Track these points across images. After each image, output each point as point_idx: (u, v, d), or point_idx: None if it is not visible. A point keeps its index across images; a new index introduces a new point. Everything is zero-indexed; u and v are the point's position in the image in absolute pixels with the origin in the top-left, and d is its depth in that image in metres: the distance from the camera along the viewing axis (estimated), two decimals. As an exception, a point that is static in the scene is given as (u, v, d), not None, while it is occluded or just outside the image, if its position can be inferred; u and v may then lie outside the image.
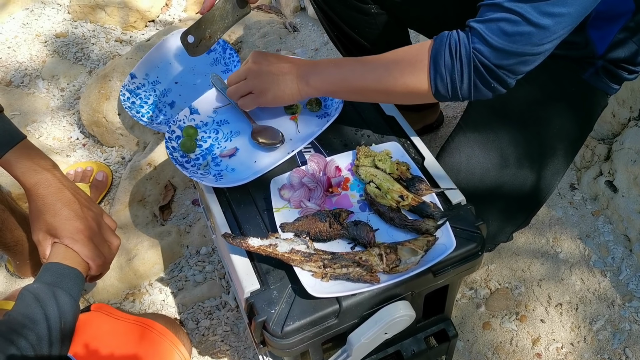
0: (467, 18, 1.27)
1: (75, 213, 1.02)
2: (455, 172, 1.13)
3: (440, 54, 0.91)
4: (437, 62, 0.91)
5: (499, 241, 1.22)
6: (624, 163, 1.51)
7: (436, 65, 0.91)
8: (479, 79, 0.91)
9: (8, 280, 1.58)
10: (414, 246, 0.90)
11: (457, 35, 0.90)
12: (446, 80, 0.92)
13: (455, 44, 0.89)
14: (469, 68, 0.90)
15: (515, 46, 0.86)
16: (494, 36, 0.87)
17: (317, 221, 0.94)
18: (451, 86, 0.92)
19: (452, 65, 0.90)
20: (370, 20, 1.33)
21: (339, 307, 0.88)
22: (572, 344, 1.36)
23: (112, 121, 1.81)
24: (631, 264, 1.47)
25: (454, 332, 1.14)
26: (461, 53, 0.89)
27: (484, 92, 0.94)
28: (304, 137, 1.11)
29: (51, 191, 1.02)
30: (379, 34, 1.37)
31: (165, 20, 2.29)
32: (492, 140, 1.16)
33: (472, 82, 0.92)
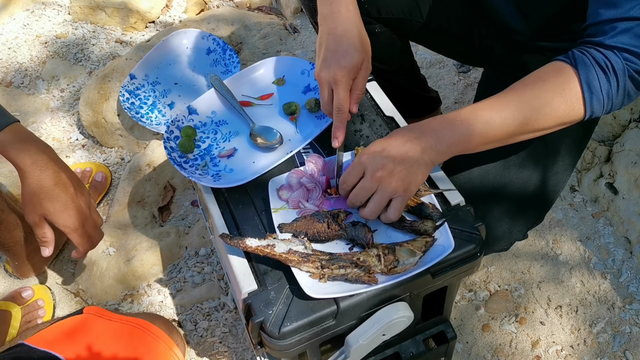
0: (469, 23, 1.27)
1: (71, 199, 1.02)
2: (467, 171, 1.13)
3: (592, 76, 0.88)
4: (591, 84, 0.88)
5: (515, 239, 1.20)
6: (624, 165, 1.51)
7: (591, 88, 0.88)
8: (635, 84, 0.90)
9: (7, 281, 1.58)
10: (412, 247, 0.89)
11: (598, 53, 0.88)
12: (603, 100, 0.89)
13: (605, 62, 0.87)
14: (624, 80, 0.89)
15: None
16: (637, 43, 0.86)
17: (315, 222, 0.94)
18: (607, 103, 0.90)
19: (608, 84, 0.88)
20: (375, 40, 1.31)
21: (336, 308, 0.88)
22: (572, 347, 1.35)
23: (112, 122, 1.81)
24: (632, 266, 1.46)
25: (452, 334, 1.13)
26: (615, 68, 0.87)
27: (633, 97, 0.93)
28: (303, 138, 1.10)
29: (48, 174, 1.01)
30: (384, 52, 1.36)
31: (165, 21, 2.29)
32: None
33: (626, 92, 0.90)
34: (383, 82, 1.21)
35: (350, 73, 1.01)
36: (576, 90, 0.88)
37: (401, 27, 1.31)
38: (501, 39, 1.24)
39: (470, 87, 1.91)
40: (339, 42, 1.02)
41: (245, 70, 1.22)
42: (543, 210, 1.21)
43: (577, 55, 0.89)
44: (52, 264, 1.59)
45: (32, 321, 1.45)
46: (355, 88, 1.03)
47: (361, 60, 1.02)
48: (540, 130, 0.93)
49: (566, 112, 0.90)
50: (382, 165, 0.89)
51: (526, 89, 0.90)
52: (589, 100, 0.89)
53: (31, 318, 1.44)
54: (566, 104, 0.89)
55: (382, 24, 1.30)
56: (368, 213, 0.91)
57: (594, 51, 0.88)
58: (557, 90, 0.89)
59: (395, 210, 0.90)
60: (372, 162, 0.89)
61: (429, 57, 2.00)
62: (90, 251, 1.55)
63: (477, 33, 1.29)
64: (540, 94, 0.89)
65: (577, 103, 0.89)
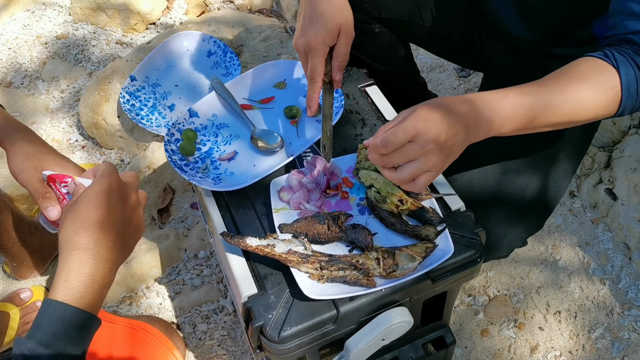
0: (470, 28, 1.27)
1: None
2: (467, 178, 1.13)
3: (632, 79, 0.89)
4: (630, 86, 0.90)
5: (514, 247, 1.20)
6: (624, 171, 1.51)
7: (630, 90, 0.90)
8: None
9: (5, 282, 1.57)
10: (412, 252, 0.89)
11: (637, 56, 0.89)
12: (636, 101, 0.91)
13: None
14: None
15: None
16: None
17: (315, 223, 0.94)
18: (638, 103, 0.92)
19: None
20: (374, 40, 1.32)
21: (336, 312, 0.88)
22: (571, 352, 1.35)
23: (112, 123, 1.81)
24: (630, 272, 1.46)
25: (452, 339, 1.13)
26: None
27: None
28: (304, 142, 1.10)
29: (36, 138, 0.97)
30: (383, 52, 1.36)
31: (166, 23, 2.29)
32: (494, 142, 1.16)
33: None
34: (383, 85, 1.21)
35: (326, 39, 0.99)
36: (617, 90, 0.90)
37: (401, 29, 1.32)
38: (503, 45, 1.25)
39: (470, 91, 1.91)
40: (315, 8, 1.01)
41: (246, 74, 1.22)
42: (543, 217, 1.21)
43: (618, 57, 0.90)
44: (50, 266, 1.59)
45: (30, 322, 1.44)
46: (337, 55, 1.02)
47: (337, 25, 1.00)
48: (577, 122, 0.93)
49: (604, 109, 0.91)
50: (435, 137, 0.83)
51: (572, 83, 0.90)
52: (625, 101, 0.90)
53: (29, 319, 1.44)
54: (606, 102, 0.91)
55: (382, 24, 1.31)
56: (399, 178, 0.85)
57: (632, 53, 0.89)
58: (600, 88, 0.90)
59: (424, 183, 0.86)
60: (427, 133, 0.82)
61: (430, 61, 2.00)
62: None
63: (479, 38, 1.29)
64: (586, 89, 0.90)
65: (614, 102, 0.91)
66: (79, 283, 0.73)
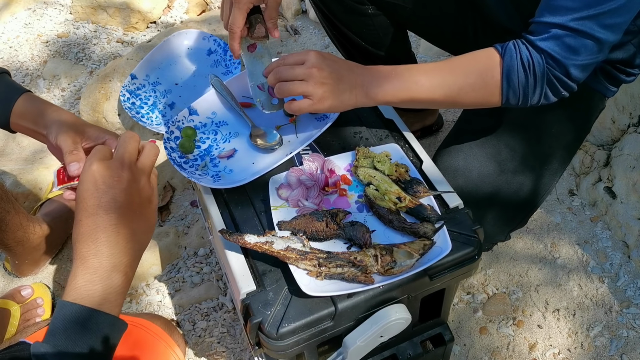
0: (463, 18, 1.28)
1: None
2: (452, 173, 1.14)
3: (513, 71, 0.96)
4: (510, 78, 0.96)
5: (497, 240, 1.22)
6: (623, 169, 1.51)
7: (509, 81, 0.96)
8: (551, 90, 0.98)
9: (6, 279, 1.58)
10: (409, 249, 0.90)
11: (526, 51, 0.95)
12: (519, 94, 0.98)
13: (528, 60, 0.95)
14: (542, 82, 0.96)
15: (581, 58, 0.94)
16: (563, 52, 0.93)
17: (314, 220, 0.94)
18: (523, 98, 0.98)
19: (525, 81, 0.96)
20: (368, 21, 1.33)
21: (334, 309, 0.88)
22: (569, 350, 1.36)
23: (112, 122, 1.81)
24: (629, 270, 1.46)
25: (450, 336, 1.13)
26: (535, 69, 0.95)
27: (551, 99, 1.00)
28: (303, 140, 1.11)
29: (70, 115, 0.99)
30: (377, 35, 1.37)
31: (166, 21, 2.30)
32: (491, 142, 1.16)
33: (544, 93, 0.98)
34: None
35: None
36: (497, 79, 0.97)
37: (394, 12, 1.33)
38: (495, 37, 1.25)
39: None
40: None
41: (245, 72, 1.22)
42: (527, 214, 1.22)
43: (509, 48, 0.96)
44: (51, 263, 1.60)
45: (31, 319, 1.45)
46: (268, 18, 1.10)
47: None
48: (460, 105, 1.04)
49: (484, 96, 1.00)
50: (321, 67, 0.97)
51: (460, 66, 1.00)
52: (506, 91, 0.98)
53: (30, 316, 1.45)
54: (485, 90, 0.99)
55: (376, 6, 1.32)
56: (279, 90, 1.00)
57: (524, 48, 0.95)
58: (482, 75, 0.98)
59: (299, 107, 1.00)
60: (316, 59, 0.97)
61: (429, 59, 2.00)
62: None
63: (472, 29, 1.30)
64: (468, 75, 0.99)
65: (495, 90, 0.98)
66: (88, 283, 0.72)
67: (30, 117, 1.00)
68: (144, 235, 0.80)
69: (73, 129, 0.94)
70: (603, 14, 0.89)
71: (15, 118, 1.00)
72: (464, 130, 1.20)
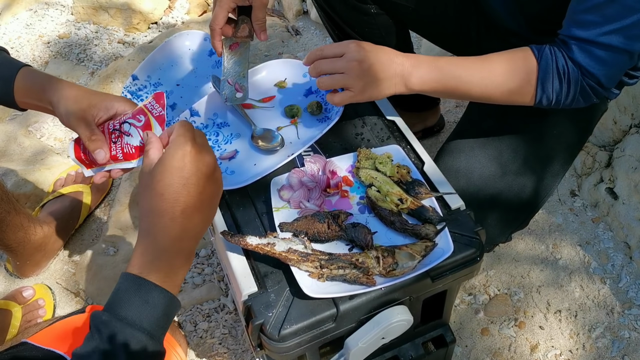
0: (466, 19, 1.28)
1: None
2: (454, 174, 1.14)
3: (548, 77, 0.99)
4: (545, 84, 0.99)
5: (498, 242, 1.23)
6: (624, 170, 1.51)
7: (544, 87, 1.00)
8: (583, 97, 1.02)
9: (7, 280, 1.58)
10: (411, 251, 0.90)
11: (562, 59, 0.98)
12: (552, 98, 1.01)
13: (564, 68, 0.98)
14: (575, 89, 1.00)
15: (612, 69, 0.98)
16: (594, 64, 0.97)
17: (315, 222, 0.94)
18: (555, 102, 1.02)
19: (560, 88, 0.99)
20: (370, 20, 1.33)
21: (336, 310, 0.88)
22: (571, 351, 1.36)
23: (114, 122, 1.81)
24: (631, 271, 1.46)
25: (452, 337, 1.13)
26: (570, 78, 0.98)
27: (582, 104, 1.04)
28: (304, 141, 1.11)
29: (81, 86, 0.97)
30: (379, 35, 1.38)
31: (168, 22, 2.30)
32: (493, 143, 1.16)
33: (576, 99, 1.02)
34: None
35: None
36: (532, 83, 1.01)
37: (397, 11, 1.33)
38: (498, 39, 1.25)
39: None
40: None
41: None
42: (528, 215, 1.22)
43: (545, 54, 0.99)
44: (52, 264, 1.60)
45: (33, 320, 1.45)
46: (255, 19, 1.12)
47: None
48: (492, 101, 1.06)
49: (519, 97, 1.03)
50: (361, 59, 0.99)
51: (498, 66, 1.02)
52: (540, 96, 1.01)
53: (31, 317, 1.45)
54: (520, 91, 1.02)
55: (378, 5, 1.32)
56: (322, 83, 1.02)
57: (560, 56, 0.98)
58: (519, 77, 1.01)
59: (341, 99, 1.03)
60: (357, 52, 0.99)
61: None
62: (91, 252, 1.56)
63: (475, 30, 1.30)
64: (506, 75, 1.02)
65: (529, 93, 1.02)
66: (154, 258, 0.73)
67: (33, 93, 0.97)
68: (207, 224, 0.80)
69: (81, 106, 0.91)
70: (627, 27, 0.91)
71: (19, 96, 0.98)
72: (466, 132, 1.20)
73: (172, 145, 0.76)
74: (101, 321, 0.69)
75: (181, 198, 0.73)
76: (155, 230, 0.73)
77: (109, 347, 0.67)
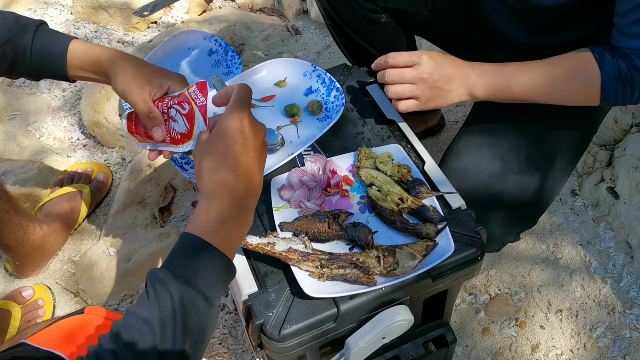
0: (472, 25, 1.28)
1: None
2: (462, 173, 1.14)
3: (611, 84, 1.01)
4: (608, 89, 1.01)
5: (507, 241, 1.22)
6: (625, 169, 1.51)
7: (608, 92, 1.02)
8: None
9: (6, 280, 1.58)
10: (412, 250, 0.89)
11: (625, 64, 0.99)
12: (616, 101, 1.04)
13: (626, 74, 1.00)
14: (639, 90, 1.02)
15: None
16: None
17: (316, 221, 0.94)
18: (620, 103, 1.05)
19: (624, 91, 1.01)
20: (379, 29, 1.33)
21: (337, 310, 0.87)
22: (572, 351, 1.35)
23: (113, 122, 1.81)
24: (632, 271, 1.46)
25: (452, 337, 1.13)
26: (633, 82, 1.00)
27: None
28: (304, 140, 1.10)
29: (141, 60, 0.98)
30: (387, 42, 1.37)
31: (167, 22, 2.30)
32: (501, 142, 1.16)
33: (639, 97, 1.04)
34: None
35: None
36: (596, 88, 1.02)
37: (407, 18, 1.32)
38: (502, 47, 1.25)
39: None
40: None
41: (247, 72, 1.22)
42: (536, 214, 1.22)
43: (607, 61, 1.01)
44: (52, 264, 1.59)
45: (32, 320, 1.45)
46: None
47: None
48: (559, 104, 1.08)
49: (583, 100, 1.06)
50: (431, 72, 1.03)
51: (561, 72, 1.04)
52: (604, 99, 1.03)
53: (31, 317, 1.44)
54: (585, 95, 1.05)
55: (389, 14, 1.31)
56: (391, 92, 1.06)
57: (622, 62, 1.00)
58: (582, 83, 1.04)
59: (406, 107, 1.07)
60: (427, 65, 1.04)
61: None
62: (90, 252, 1.55)
63: (480, 37, 1.30)
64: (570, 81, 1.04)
65: (593, 97, 1.04)
66: (217, 217, 0.73)
67: (87, 66, 0.98)
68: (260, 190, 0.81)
69: (138, 83, 0.93)
70: None
71: (72, 69, 0.98)
72: (473, 130, 1.20)
73: (230, 108, 0.78)
74: (157, 278, 0.69)
75: (242, 157, 0.75)
76: (218, 189, 0.74)
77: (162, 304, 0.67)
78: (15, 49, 0.96)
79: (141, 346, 0.64)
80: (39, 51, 0.97)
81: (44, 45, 0.97)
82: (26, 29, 0.97)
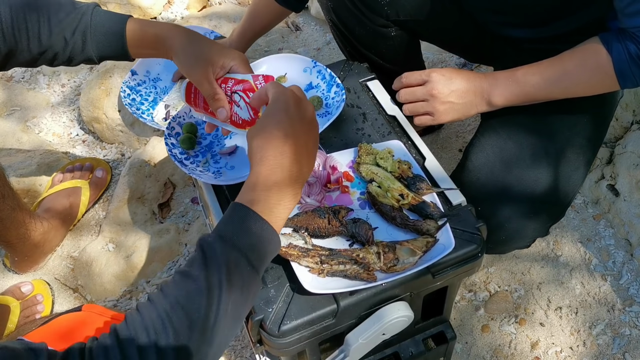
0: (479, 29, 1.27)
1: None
2: (475, 170, 1.14)
3: (625, 67, 1.01)
4: (624, 73, 1.02)
5: (537, 236, 1.21)
6: (626, 167, 1.50)
7: (624, 76, 1.02)
8: None
9: (6, 276, 1.57)
10: (412, 246, 0.89)
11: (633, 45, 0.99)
12: (637, 82, 1.03)
13: (637, 54, 0.99)
14: None
15: None
16: None
17: (316, 217, 0.94)
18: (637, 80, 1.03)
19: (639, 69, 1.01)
20: (388, 42, 1.33)
21: (336, 306, 0.87)
22: (572, 348, 1.35)
23: (112, 118, 1.80)
24: (632, 268, 1.46)
25: (452, 334, 1.13)
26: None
27: None
28: (305, 136, 1.10)
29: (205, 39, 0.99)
30: (396, 52, 1.37)
31: (167, 17, 2.29)
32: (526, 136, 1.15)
33: None
34: (390, 82, 1.21)
35: None
36: (611, 74, 1.02)
37: (417, 27, 1.32)
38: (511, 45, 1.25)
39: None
40: None
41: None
42: (562, 207, 1.20)
43: (615, 46, 1.01)
44: (51, 260, 1.59)
45: (31, 316, 1.44)
46: None
47: None
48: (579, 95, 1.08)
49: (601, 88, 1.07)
50: (441, 88, 1.09)
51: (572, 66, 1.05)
52: (623, 83, 1.03)
53: (30, 313, 1.44)
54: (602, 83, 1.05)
55: (399, 26, 1.31)
56: (405, 109, 1.13)
57: (630, 43, 0.99)
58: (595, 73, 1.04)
59: (420, 122, 1.14)
60: (436, 82, 1.09)
61: (432, 56, 1.99)
62: (90, 247, 1.55)
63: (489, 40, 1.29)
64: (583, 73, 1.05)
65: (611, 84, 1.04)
66: (264, 189, 0.76)
67: (147, 44, 1.00)
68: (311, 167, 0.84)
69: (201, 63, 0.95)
70: None
71: (132, 48, 1.00)
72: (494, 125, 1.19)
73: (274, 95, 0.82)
74: (206, 242, 0.72)
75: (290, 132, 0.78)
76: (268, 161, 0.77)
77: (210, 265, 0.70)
78: (75, 33, 0.98)
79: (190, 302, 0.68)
80: (99, 32, 0.98)
81: (103, 26, 0.98)
82: (83, 12, 0.98)
